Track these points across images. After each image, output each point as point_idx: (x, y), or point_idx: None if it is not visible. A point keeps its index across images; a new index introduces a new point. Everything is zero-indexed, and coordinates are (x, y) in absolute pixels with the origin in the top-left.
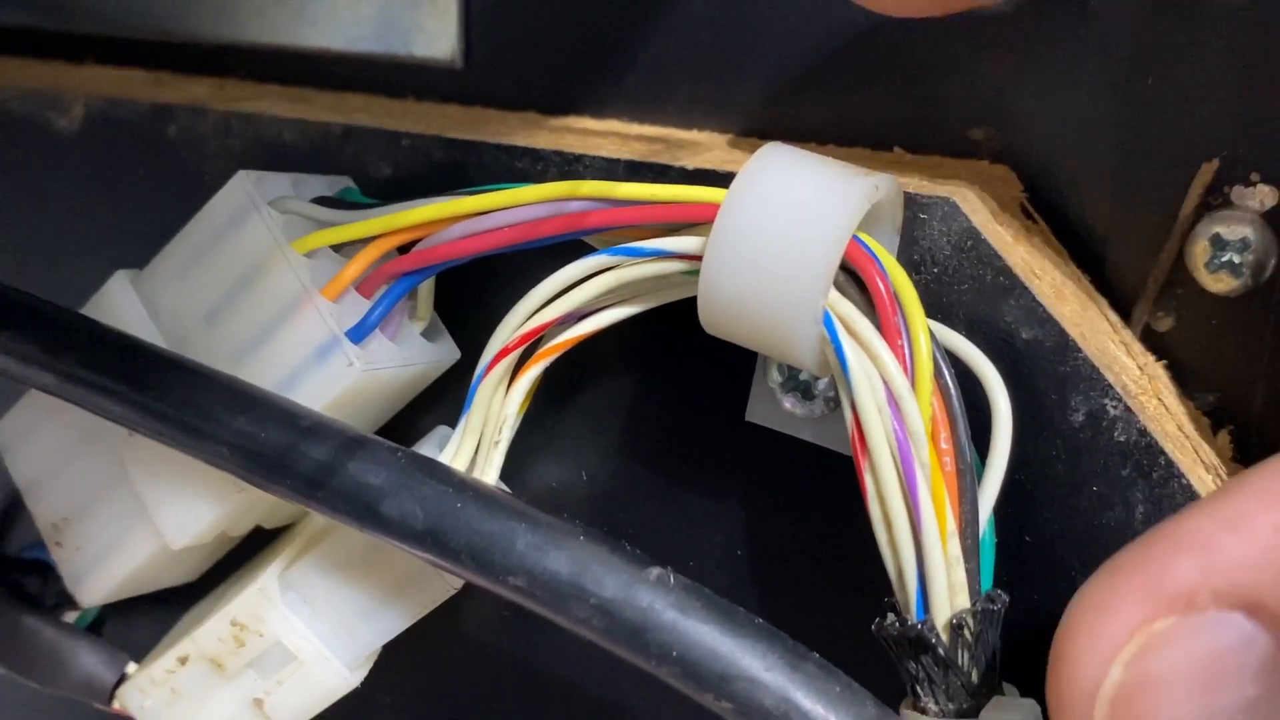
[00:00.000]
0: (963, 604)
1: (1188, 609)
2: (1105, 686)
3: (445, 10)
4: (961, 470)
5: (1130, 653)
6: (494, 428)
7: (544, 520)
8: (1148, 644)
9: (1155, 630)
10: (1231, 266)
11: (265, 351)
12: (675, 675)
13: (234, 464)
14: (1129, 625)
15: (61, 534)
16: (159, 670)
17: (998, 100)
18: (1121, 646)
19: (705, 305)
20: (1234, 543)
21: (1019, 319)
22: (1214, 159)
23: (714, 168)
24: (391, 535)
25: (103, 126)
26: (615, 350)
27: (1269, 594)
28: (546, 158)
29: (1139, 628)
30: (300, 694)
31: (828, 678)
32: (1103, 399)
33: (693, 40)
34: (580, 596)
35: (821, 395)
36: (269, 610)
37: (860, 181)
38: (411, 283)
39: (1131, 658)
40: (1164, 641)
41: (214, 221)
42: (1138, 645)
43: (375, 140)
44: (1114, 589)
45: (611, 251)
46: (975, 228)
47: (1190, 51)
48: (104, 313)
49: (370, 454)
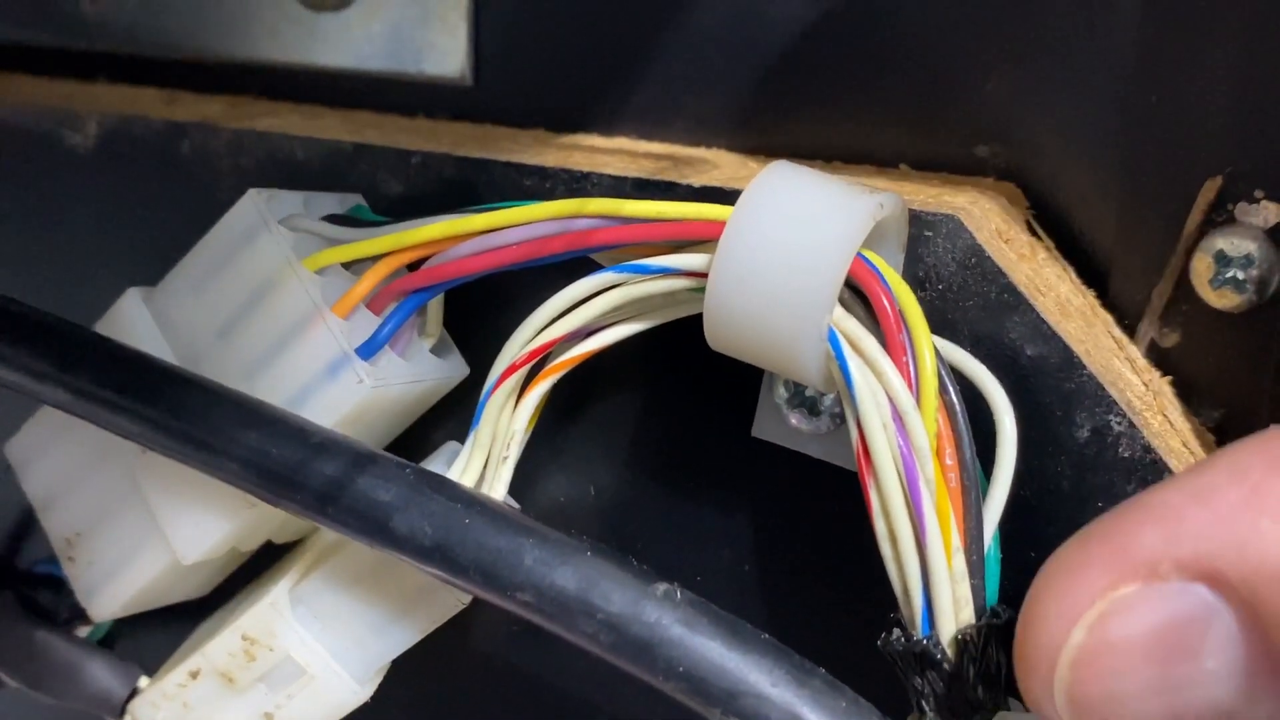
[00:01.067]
0: (967, 619)
1: (1150, 577)
2: (1067, 648)
3: (455, 28)
4: (966, 486)
5: (1092, 617)
6: (502, 443)
7: (552, 536)
8: (1109, 609)
9: (1117, 596)
10: (1236, 283)
11: (276, 368)
12: (682, 690)
13: (245, 480)
14: (1093, 590)
15: (74, 549)
16: (170, 684)
17: (1003, 118)
18: (1085, 610)
19: (711, 322)
20: (1201, 515)
21: (1024, 336)
22: (1218, 176)
23: (720, 185)
24: (401, 550)
25: (116, 144)
26: (622, 366)
27: (1231, 567)
28: (554, 175)
29: (1103, 593)
30: (310, 708)
31: (834, 693)
32: (1107, 415)
33: (700, 58)
34: (587, 612)
35: (827, 411)
36: (280, 625)
37: (865, 199)
38: (421, 300)
39: (1093, 622)
40: (1125, 607)
41: (226, 239)
42: (1099, 610)
43: (386, 158)
44: (1082, 554)
45: (618, 269)
46: (980, 245)
47: (1194, 69)
48: (116, 329)
49: (380, 470)
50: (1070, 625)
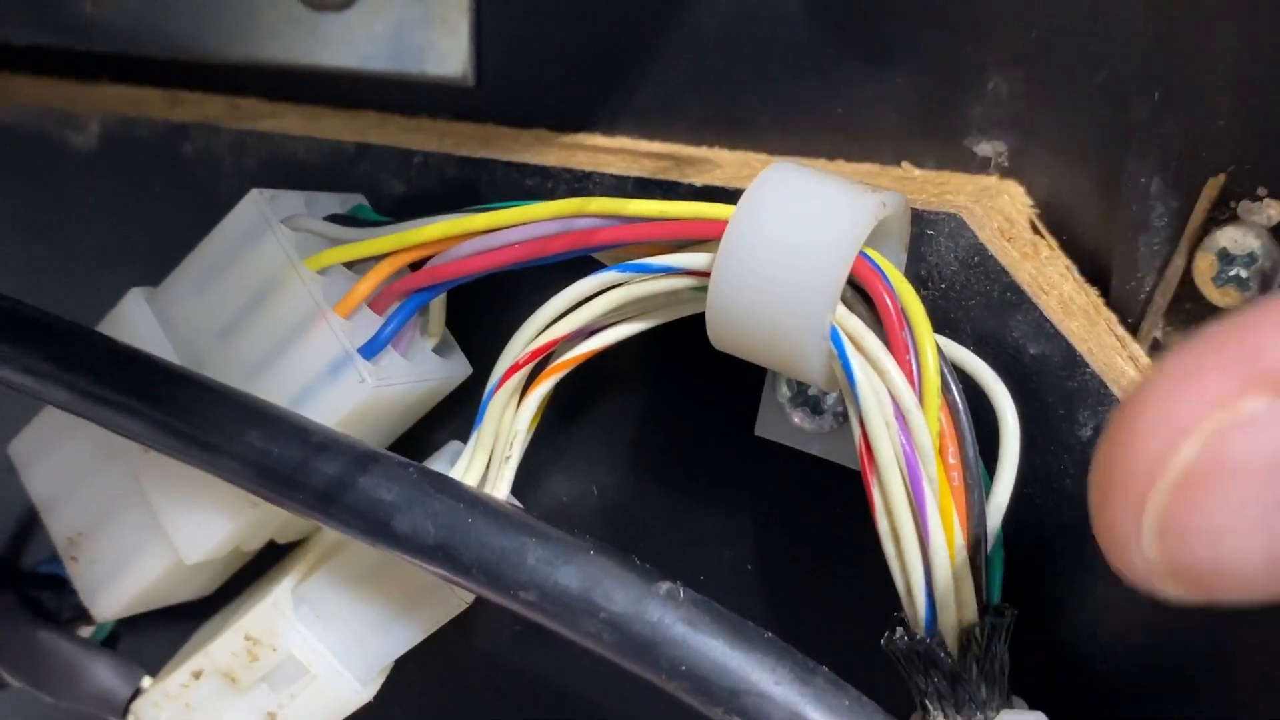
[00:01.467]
0: (971, 618)
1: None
2: (1172, 466)
3: (457, 29)
4: (969, 485)
5: (1209, 429)
6: (505, 443)
7: (554, 535)
8: (1232, 422)
9: (1244, 408)
10: (1239, 281)
11: (278, 368)
12: (685, 689)
13: (247, 479)
14: (1213, 398)
15: (77, 549)
16: (173, 684)
17: (1006, 116)
18: (1200, 421)
19: (714, 321)
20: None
21: (1026, 334)
22: (1221, 173)
23: (722, 184)
24: (403, 550)
25: (118, 145)
26: (625, 366)
27: None
28: (556, 175)
29: (1224, 402)
30: (313, 708)
31: (837, 692)
32: (1111, 413)
33: (702, 58)
34: (590, 611)
35: (830, 410)
36: (282, 624)
37: (867, 198)
38: (423, 299)
39: (1210, 434)
40: (1252, 422)
41: (228, 239)
42: (1220, 422)
43: (388, 158)
44: (1200, 356)
45: (621, 268)
46: (982, 244)
47: (1197, 66)
48: (119, 329)
49: (382, 469)
50: (1179, 437)
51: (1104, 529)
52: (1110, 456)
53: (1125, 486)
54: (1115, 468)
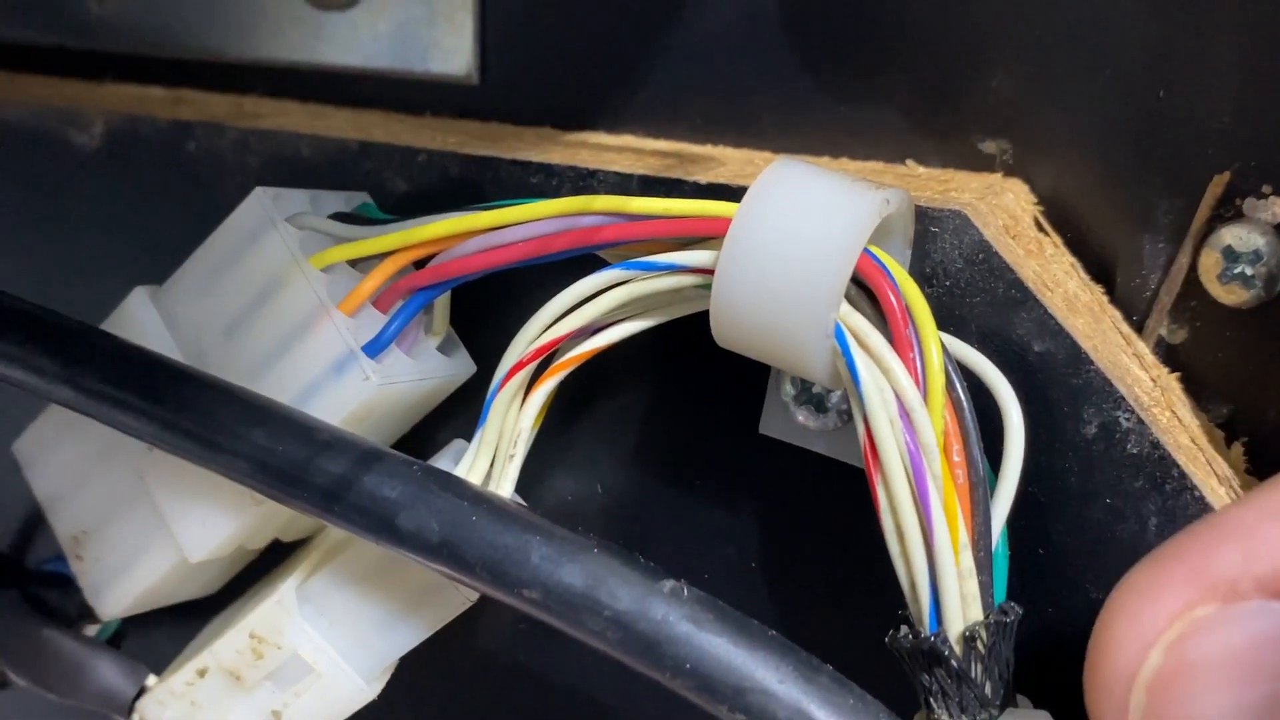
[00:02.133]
0: (975, 616)
1: (1230, 596)
2: (1144, 671)
3: (461, 27)
4: (974, 483)
5: (1170, 638)
6: (509, 441)
7: (558, 533)
8: (1188, 630)
9: (1196, 616)
10: (1244, 278)
11: (282, 366)
12: (689, 688)
13: (252, 478)
14: (1170, 611)
15: (81, 547)
16: (178, 683)
17: (1010, 113)
18: (1162, 632)
19: (718, 319)
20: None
21: (1031, 332)
22: (1226, 171)
23: (727, 182)
24: (407, 548)
25: (122, 143)
26: (629, 364)
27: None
28: (561, 173)
29: (1180, 613)
30: (318, 706)
31: (841, 690)
32: (1115, 411)
33: (706, 56)
34: (595, 609)
35: (834, 408)
36: (287, 623)
37: (871, 195)
38: (427, 297)
39: (1171, 643)
40: (1204, 627)
41: (232, 237)
42: (1178, 631)
43: (392, 156)
44: (1157, 574)
45: (625, 266)
46: (987, 241)
47: (1202, 64)
48: (123, 328)
49: (386, 467)
50: (1146, 648)
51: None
52: (1095, 666)
53: (1109, 691)
54: (1099, 675)
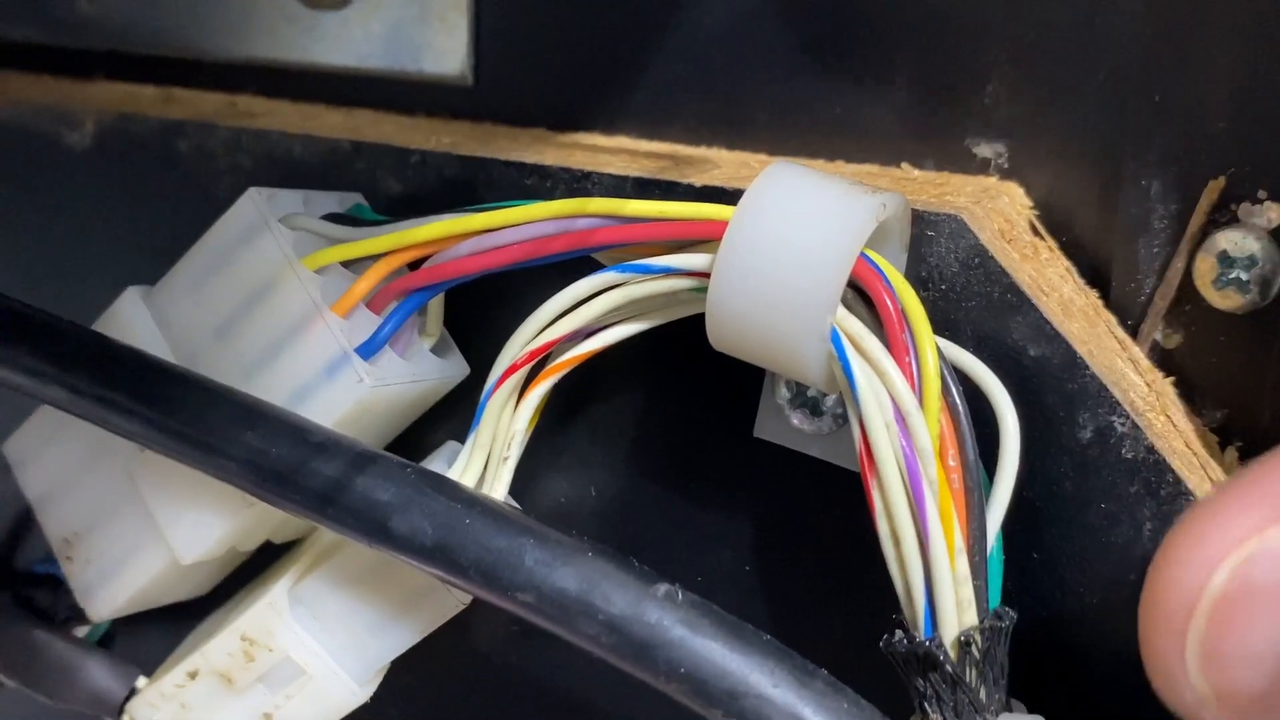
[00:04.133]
0: (970, 621)
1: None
2: (1205, 597)
3: (455, 27)
4: (969, 487)
5: (1237, 560)
6: (503, 443)
7: (552, 536)
8: (1257, 551)
9: (1268, 536)
10: (1239, 283)
11: (276, 367)
12: (683, 692)
13: (244, 479)
14: (1240, 532)
15: (72, 548)
16: (169, 684)
17: (1006, 118)
18: (1230, 552)
19: (713, 322)
20: None
21: (1027, 336)
22: (1221, 176)
23: (722, 185)
24: (400, 551)
25: (114, 142)
26: (623, 367)
27: None
28: (555, 175)
29: (1248, 537)
30: (309, 708)
31: (836, 694)
32: (1110, 416)
33: (702, 58)
34: (588, 613)
35: (830, 412)
36: (278, 625)
37: (867, 199)
38: (421, 299)
39: (1239, 564)
40: (1275, 550)
41: (225, 238)
42: (1246, 552)
43: (385, 157)
44: (1226, 499)
45: (620, 268)
46: (983, 245)
47: (1197, 69)
48: (115, 328)
49: (379, 470)
50: (1212, 568)
51: (1153, 661)
52: (1153, 588)
53: (1168, 616)
54: (1157, 598)
